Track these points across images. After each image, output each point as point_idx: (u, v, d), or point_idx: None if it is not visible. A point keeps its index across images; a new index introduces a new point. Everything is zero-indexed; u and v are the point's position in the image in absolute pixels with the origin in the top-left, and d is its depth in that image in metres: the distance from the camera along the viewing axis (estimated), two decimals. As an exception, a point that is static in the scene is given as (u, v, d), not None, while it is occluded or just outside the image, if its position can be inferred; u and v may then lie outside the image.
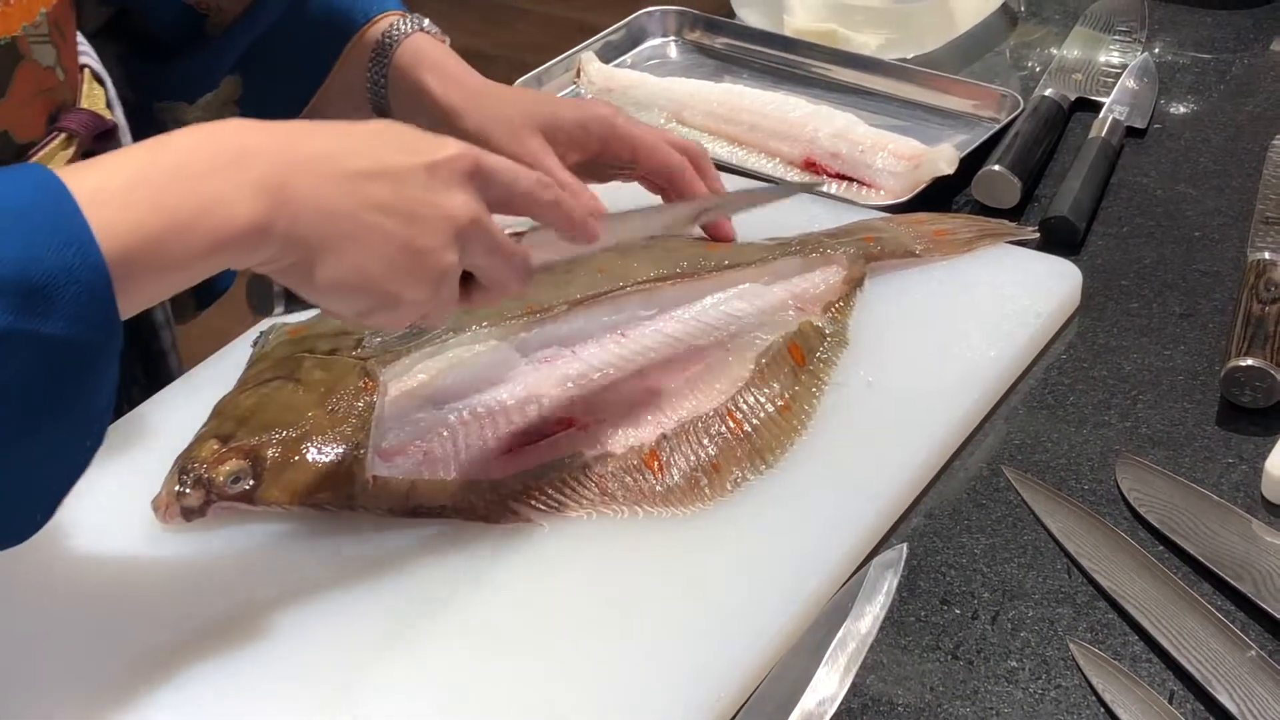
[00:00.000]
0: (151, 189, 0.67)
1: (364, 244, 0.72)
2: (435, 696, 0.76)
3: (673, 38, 1.45)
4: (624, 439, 0.90)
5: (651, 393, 0.93)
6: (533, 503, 0.86)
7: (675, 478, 0.88)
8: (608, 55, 1.40)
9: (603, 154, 1.03)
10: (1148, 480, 0.91)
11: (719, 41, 1.44)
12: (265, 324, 0.98)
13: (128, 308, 0.67)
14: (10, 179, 0.66)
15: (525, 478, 0.87)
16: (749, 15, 1.47)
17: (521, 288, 0.81)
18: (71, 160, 0.93)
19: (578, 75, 1.36)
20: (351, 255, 0.72)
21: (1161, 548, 0.87)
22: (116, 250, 0.65)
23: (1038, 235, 1.12)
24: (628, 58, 1.43)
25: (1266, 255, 1.06)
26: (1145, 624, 0.81)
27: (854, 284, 1.04)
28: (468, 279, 0.79)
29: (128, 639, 0.80)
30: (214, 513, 0.85)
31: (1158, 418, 0.96)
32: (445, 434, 0.90)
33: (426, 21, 1.07)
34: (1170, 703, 0.77)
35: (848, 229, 1.09)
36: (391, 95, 1.05)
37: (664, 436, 0.90)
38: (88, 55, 1.01)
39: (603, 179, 1.05)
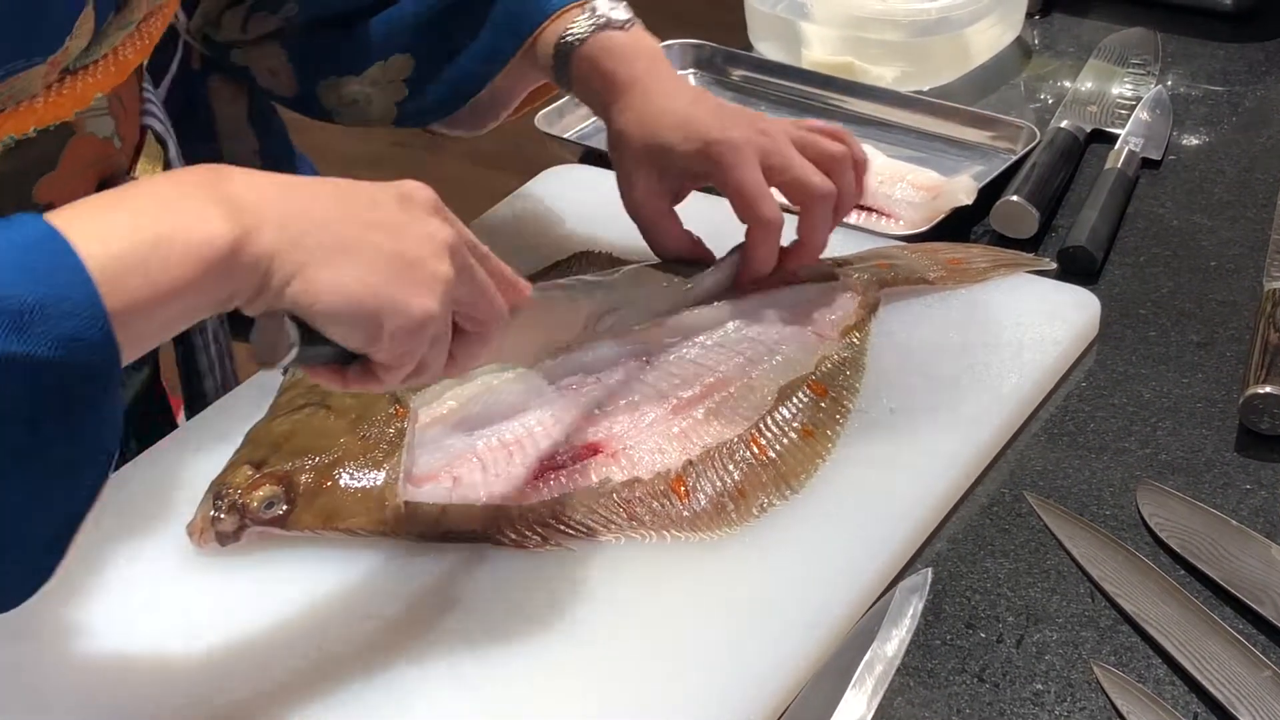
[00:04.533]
0: (129, 213, 0.66)
1: (356, 253, 0.70)
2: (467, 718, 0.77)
3: (692, 70, 1.47)
4: (650, 465, 0.91)
5: (677, 419, 0.94)
6: (562, 528, 0.87)
7: (702, 503, 0.89)
8: (628, 88, 1.41)
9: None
10: (1168, 506, 0.92)
11: (737, 74, 1.46)
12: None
13: (127, 339, 0.64)
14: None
15: (554, 503, 0.88)
16: (767, 48, 1.49)
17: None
18: None
19: (598, 107, 1.38)
20: (347, 265, 0.70)
21: (1183, 572, 0.88)
22: (102, 269, 0.63)
23: (1054, 266, 1.13)
24: (647, 90, 1.44)
25: (1282, 284, 1.07)
26: (1168, 647, 0.82)
27: (869, 309, 1.05)
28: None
29: (163, 663, 0.81)
30: (248, 538, 0.87)
31: (1177, 445, 0.97)
32: (475, 460, 0.91)
33: (615, 11, 1.03)
34: (1194, 725, 0.78)
35: (862, 255, 1.10)
36: (575, 86, 1.04)
37: (690, 462, 0.91)
38: (153, 117, 1.01)
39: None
